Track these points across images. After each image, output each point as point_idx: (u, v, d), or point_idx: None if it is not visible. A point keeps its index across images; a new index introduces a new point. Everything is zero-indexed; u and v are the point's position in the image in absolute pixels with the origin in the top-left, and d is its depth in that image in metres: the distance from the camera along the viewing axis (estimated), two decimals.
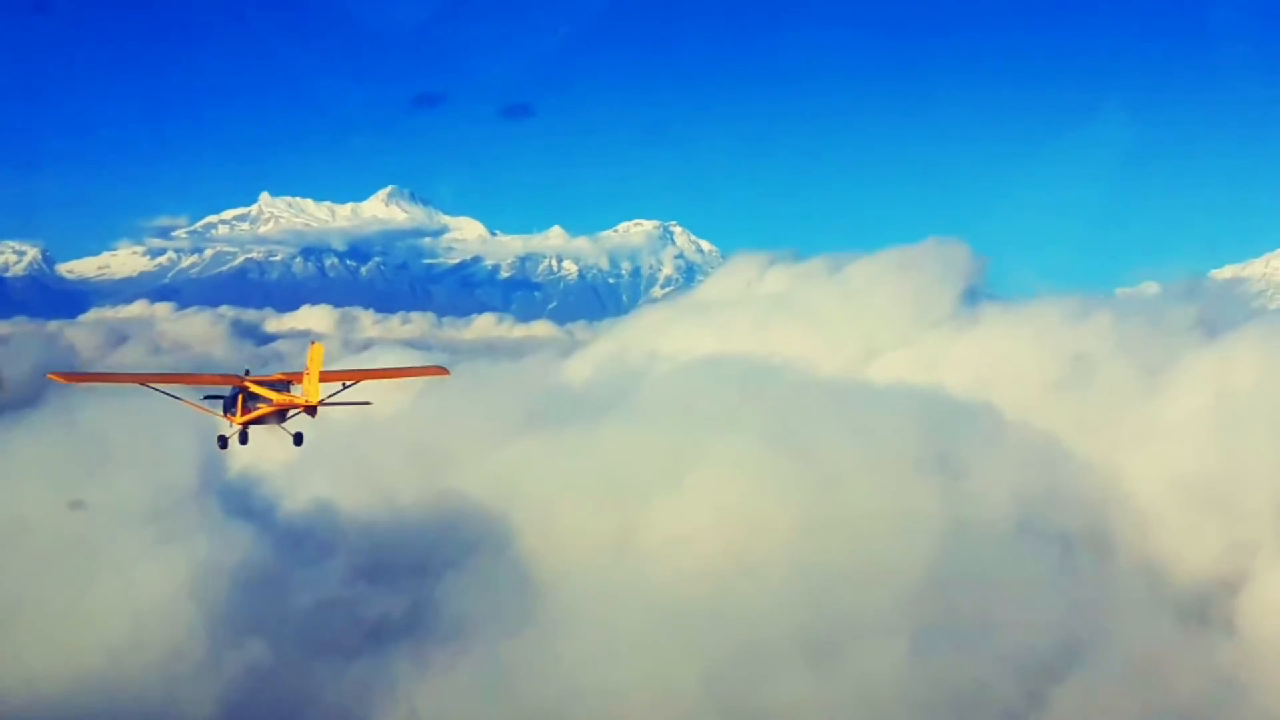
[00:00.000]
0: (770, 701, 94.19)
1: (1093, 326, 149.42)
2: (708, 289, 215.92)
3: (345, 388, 42.10)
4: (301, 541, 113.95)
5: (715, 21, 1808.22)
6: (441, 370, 50.19)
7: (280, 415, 41.16)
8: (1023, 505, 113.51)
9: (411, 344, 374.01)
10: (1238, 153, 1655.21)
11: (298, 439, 42.27)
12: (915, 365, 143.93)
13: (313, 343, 40.39)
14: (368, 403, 43.24)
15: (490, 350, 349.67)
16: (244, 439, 41.44)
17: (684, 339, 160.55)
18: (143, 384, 40.59)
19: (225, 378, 41.60)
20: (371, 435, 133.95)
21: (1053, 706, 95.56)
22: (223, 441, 42.06)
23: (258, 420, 41.09)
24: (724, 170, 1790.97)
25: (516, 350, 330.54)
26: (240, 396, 41.10)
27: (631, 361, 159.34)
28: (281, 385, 41.18)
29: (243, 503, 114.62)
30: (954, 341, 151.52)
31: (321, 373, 39.72)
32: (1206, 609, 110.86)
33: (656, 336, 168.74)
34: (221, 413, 41.66)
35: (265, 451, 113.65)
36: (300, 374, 40.33)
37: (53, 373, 41.13)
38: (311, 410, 40.17)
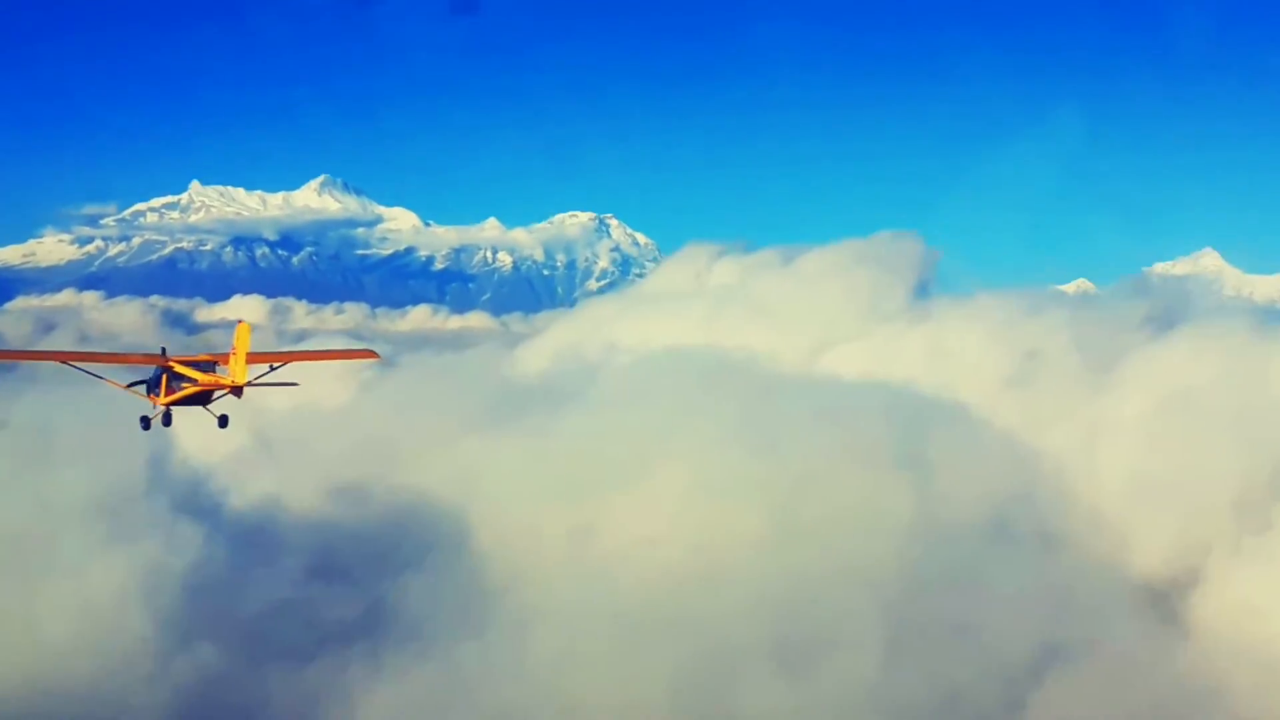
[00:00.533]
0: (741, 710, 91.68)
1: (1045, 322, 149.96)
2: (656, 280, 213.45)
3: (273, 369, 40.87)
4: (253, 540, 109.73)
5: (659, 13, 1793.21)
6: (371, 353, 48.80)
7: (205, 396, 39.80)
8: (985, 503, 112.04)
9: (346, 335, 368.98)
10: (1166, 154, 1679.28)
11: (223, 421, 41.14)
12: (870, 358, 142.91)
13: (240, 322, 39.02)
14: (294, 384, 42.15)
15: (426, 341, 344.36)
16: (167, 420, 39.99)
17: (637, 330, 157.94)
18: (64, 362, 39.56)
19: (149, 357, 40.17)
20: (322, 428, 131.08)
21: (1030, 711, 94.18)
22: (145, 423, 40.49)
23: (182, 401, 39.70)
24: (662, 162, 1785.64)
25: (453, 341, 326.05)
26: (164, 377, 39.69)
27: (587, 353, 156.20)
28: (207, 366, 39.67)
29: (192, 499, 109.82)
30: (908, 335, 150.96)
31: (248, 354, 38.42)
32: (1170, 606, 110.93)
33: (608, 327, 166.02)
34: (145, 393, 40.32)
35: (212, 444, 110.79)
36: (226, 355, 38.89)
37: None
38: (238, 391, 38.87)
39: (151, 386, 40.10)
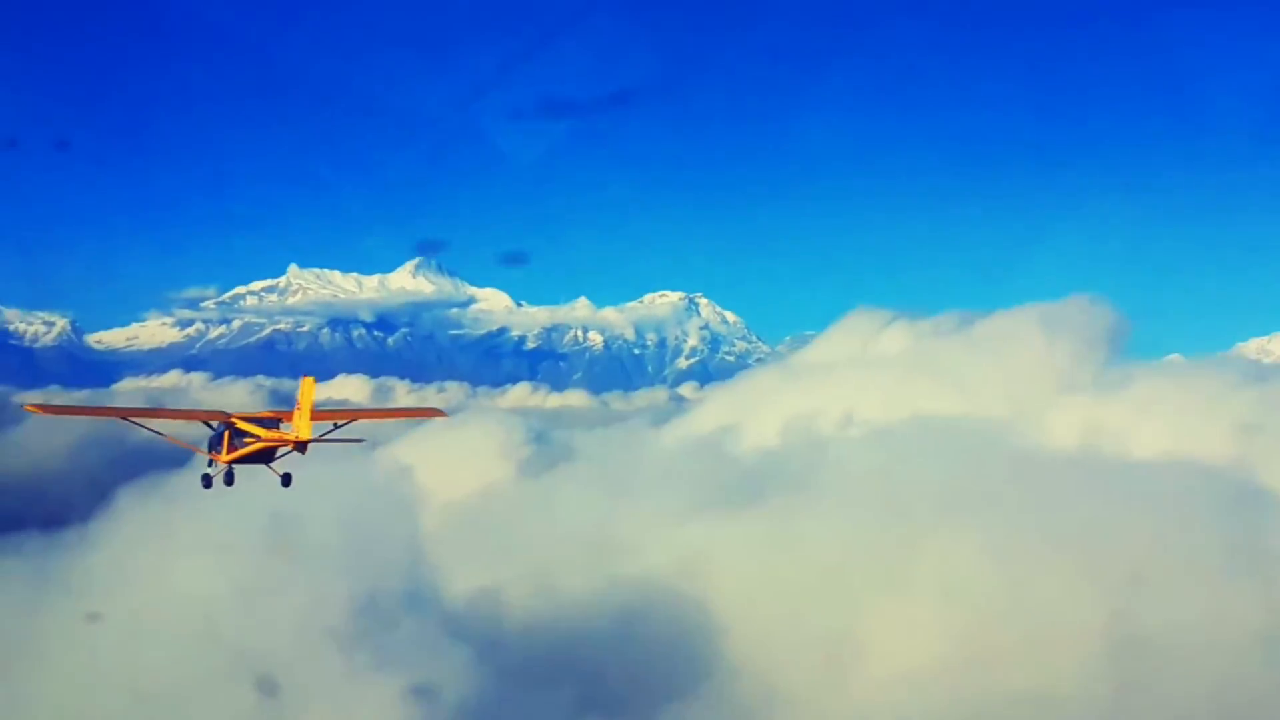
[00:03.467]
0: None
1: (1254, 394, 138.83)
2: (820, 347, 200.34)
3: (337, 427, 40.46)
4: (513, 663, 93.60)
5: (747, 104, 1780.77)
6: (438, 411, 49.63)
7: (269, 454, 39.01)
8: None
9: (452, 412, 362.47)
10: (1253, 230, 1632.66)
11: (285, 480, 40.26)
12: (1090, 427, 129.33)
13: (304, 377, 38.18)
14: (360, 440, 41.69)
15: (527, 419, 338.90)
16: (229, 479, 39.35)
17: (829, 400, 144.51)
18: (124, 418, 39.28)
19: (211, 413, 39.81)
20: (525, 514, 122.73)
21: None
22: (207, 481, 39.80)
23: (245, 459, 38.93)
24: (751, 245, 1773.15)
25: (555, 419, 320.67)
26: (227, 433, 39.02)
27: (819, 428, 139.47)
28: (271, 422, 39.11)
29: (440, 611, 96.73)
30: (1117, 403, 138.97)
31: (313, 410, 37.62)
32: None
33: (785, 396, 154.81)
34: (207, 451, 39.50)
35: (472, 554, 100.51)
36: (290, 411, 38.36)
37: (30, 404, 39.38)
38: (302, 447, 38.11)
39: (213, 444, 39.23)
